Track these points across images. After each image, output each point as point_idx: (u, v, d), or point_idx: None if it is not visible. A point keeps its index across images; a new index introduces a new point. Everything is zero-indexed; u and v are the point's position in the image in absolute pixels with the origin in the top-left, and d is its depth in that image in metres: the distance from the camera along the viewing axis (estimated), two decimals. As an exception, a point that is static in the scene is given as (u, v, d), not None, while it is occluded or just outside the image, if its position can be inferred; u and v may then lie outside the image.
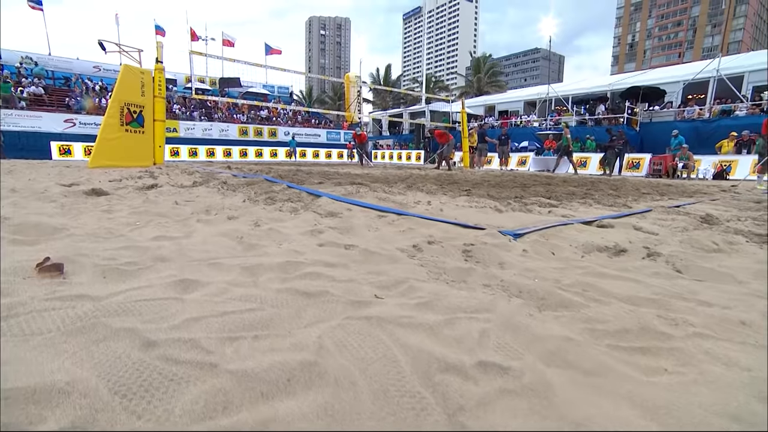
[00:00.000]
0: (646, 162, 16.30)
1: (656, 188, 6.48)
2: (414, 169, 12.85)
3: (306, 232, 1.80)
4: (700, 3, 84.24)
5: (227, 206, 2.61)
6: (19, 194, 2.91)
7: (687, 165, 14.80)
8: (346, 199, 3.06)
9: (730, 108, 18.60)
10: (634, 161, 16.99)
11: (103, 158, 7.56)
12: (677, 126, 17.55)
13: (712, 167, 14.97)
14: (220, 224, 1.98)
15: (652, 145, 18.64)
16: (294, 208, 2.69)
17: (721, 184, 9.20)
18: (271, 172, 8.11)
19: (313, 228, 1.89)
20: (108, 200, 2.78)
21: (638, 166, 16.76)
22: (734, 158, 15.04)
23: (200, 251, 1.28)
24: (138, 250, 1.28)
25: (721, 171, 14.67)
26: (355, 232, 1.88)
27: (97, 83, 22.26)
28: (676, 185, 7.99)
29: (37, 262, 1.04)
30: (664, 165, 15.17)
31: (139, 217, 2.14)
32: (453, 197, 3.70)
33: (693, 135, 17.26)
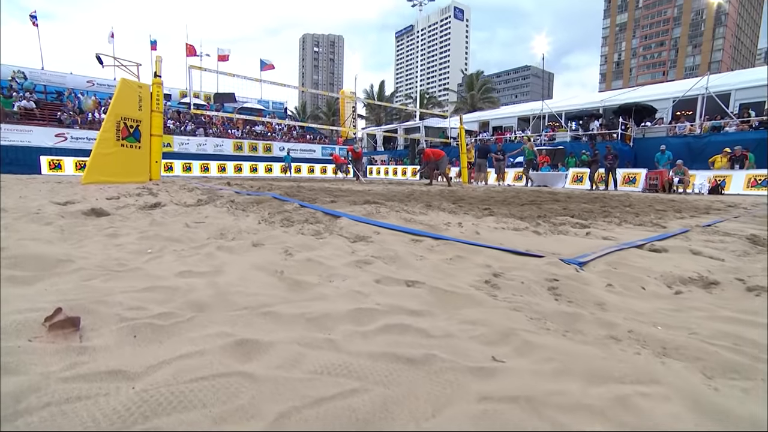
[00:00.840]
0: (642, 177, 16.42)
1: (668, 204, 6.38)
2: (414, 185, 12.72)
3: (350, 263, 1.57)
4: (681, 25, 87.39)
5: (243, 229, 2.37)
6: (10, 215, 2.64)
7: (683, 180, 14.93)
8: (369, 220, 2.84)
9: (720, 124, 18.98)
10: (630, 176, 17.13)
11: (98, 174, 7.27)
12: (670, 142, 17.82)
13: (707, 182, 15.10)
14: (246, 253, 1.74)
15: (645, 160, 18.87)
16: (316, 231, 2.46)
17: (723, 199, 9.17)
18: (272, 188, 7.88)
19: (357, 258, 1.66)
20: (110, 222, 2.53)
21: (634, 181, 16.88)
22: (728, 173, 15.21)
23: (242, 294, 1.04)
24: (166, 292, 1.05)
25: (716, 186, 14.79)
26: (402, 262, 1.65)
27: (90, 98, 21.97)
28: (681, 200, 7.92)
29: (46, 316, 0.80)
30: (660, 180, 15.27)
31: (150, 243, 1.90)
32: (478, 217, 3.50)
33: (685, 150, 17.53)
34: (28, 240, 1.77)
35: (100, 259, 1.47)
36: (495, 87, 47.62)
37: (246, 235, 2.20)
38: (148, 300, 0.98)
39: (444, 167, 12.39)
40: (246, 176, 21.82)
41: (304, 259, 1.58)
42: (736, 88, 20.06)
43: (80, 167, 18.04)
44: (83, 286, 1.10)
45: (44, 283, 1.14)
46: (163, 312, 0.88)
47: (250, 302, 0.98)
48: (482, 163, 17.41)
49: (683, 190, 14.80)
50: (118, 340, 0.76)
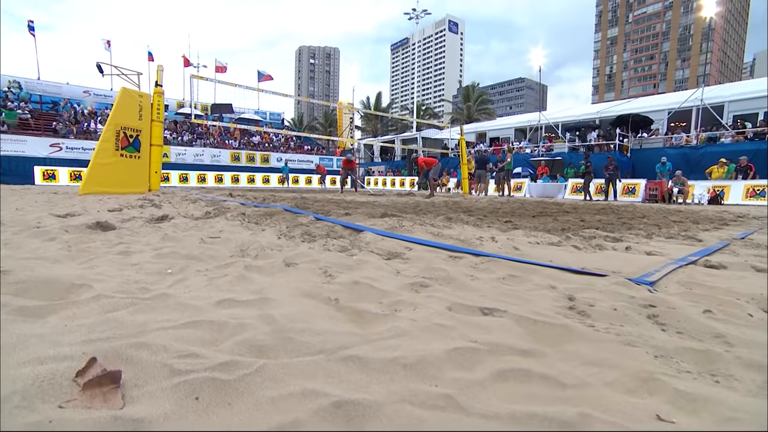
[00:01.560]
0: (642, 187, 16.46)
1: (681, 215, 6.27)
2: (416, 196, 12.57)
3: (404, 286, 1.39)
4: (670, 39, 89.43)
5: (265, 245, 2.18)
6: (9, 228, 2.43)
7: (682, 190, 14.97)
8: (397, 235, 2.67)
9: (715, 135, 19.18)
10: (629, 186, 17.18)
11: (96, 184, 7.04)
12: (666, 152, 17.95)
13: (706, 192, 15.15)
14: (281, 274, 1.56)
15: (643, 170, 18.98)
16: (343, 247, 2.28)
17: (728, 210, 9.11)
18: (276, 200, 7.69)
19: (408, 279, 1.48)
20: (119, 236, 2.33)
21: (634, 192, 16.92)
22: (727, 183, 15.29)
23: (307, 331, 0.85)
24: (212, 329, 0.86)
25: (715, 196, 14.84)
26: (458, 284, 1.47)
27: (86, 107, 21.75)
28: (689, 211, 7.84)
29: (78, 369, 0.61)
30: (660, 190, 15.30)
31: (168, 261, 1.70)
32: (503, 230, 3.34)
33: (682, 161, 17.65)
34: (32, 259, 1.57)
35: (119, 283, 1.28)
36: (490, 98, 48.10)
37: (270, 252, 2.01)
38: (194, 340, 0.79)
39: (437, 174, 12.25)
40: (245, 187, 21.60)
41: (349, 282, 1.40)
42: (730, 100, 20.37)
43: (75, 178, 17.76)
44: (109, 319, 0.91)
45: (61, 315, 0.95)
46: (223, 361, 0.69)
47: (322, 343, 0.79)
48: (482, 173, 17.35)
49: (683, 200, 14.83)
50: (177, 405, 0.57)
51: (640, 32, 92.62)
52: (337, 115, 35.03)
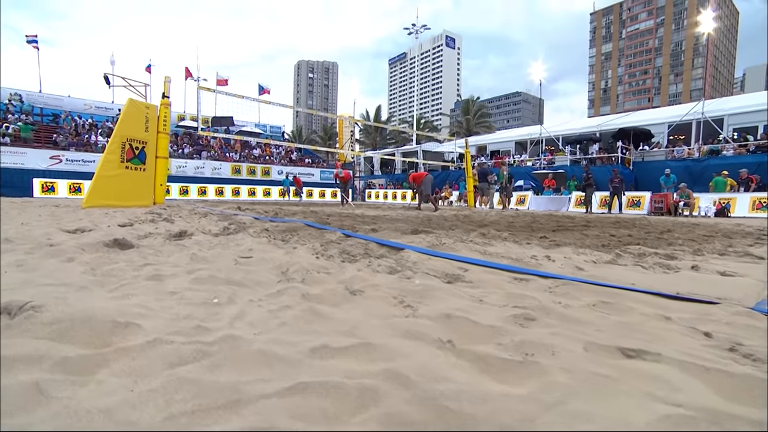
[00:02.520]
0: (647, 200, 16.38)
1: (708, 229, 6.09)
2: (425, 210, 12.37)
3: (505, 318, 1.17)
4: (663, 55, 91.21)
5: (307, 266, 1.96)
6: (19, 246, 2.20)
7: (688, 203, 14.89)
8: (444, 254, 2.45)
9: (717, 148, 19.24)
10: (634, 199, 17.11)
11: (100, 197, 6.81)
12: (669, 165, 17.96)
13: (712, 205, 15.07)
14: (351, 305, 1.33)
15: (645, 183, 18.98)
16: (392, 268, 2.06)
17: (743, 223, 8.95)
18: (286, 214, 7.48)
19: (507, 311, 1.26)
20: (142, 256, 2.10)
21: (639, 204, 16.84)
22: (732, 196, 15.24)
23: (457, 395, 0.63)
24: (329, 397, 0.62)
25: (722, 208, 14.76)
26: (557, 314, 1.26)
27: (87, 120, 21.63)
28: (707, 224, 7.67)
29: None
30: (665, 203, 15.22)
31: (210, 288, 1.48)
32: (545, 247, 3.14)
33: (685, 174, 17.64)
34: (56, 285, 1.35)
35: (167, 319, 1.06)
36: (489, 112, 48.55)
37: (318, 276, 1.79)
38: (316, 417, 0.56)
39: (428, 189, 11.60)
40: (247, 200, 21.37)
41: (439, 315, 1.18)
42: (729, 114, 20.54)
43: (74, 190, 17.51)
44: (183, 379, 0.68)
45: (115, 370, 0.72)
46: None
47: (492, 414, 0.57)
48: (484, 186, 17.23)
49: (690, 212, 14.73)
50: None
51: (633, 48, 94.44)
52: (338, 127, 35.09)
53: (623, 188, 15.99)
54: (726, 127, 20.28)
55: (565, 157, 23.31)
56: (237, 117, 30.23)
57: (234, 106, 19.47)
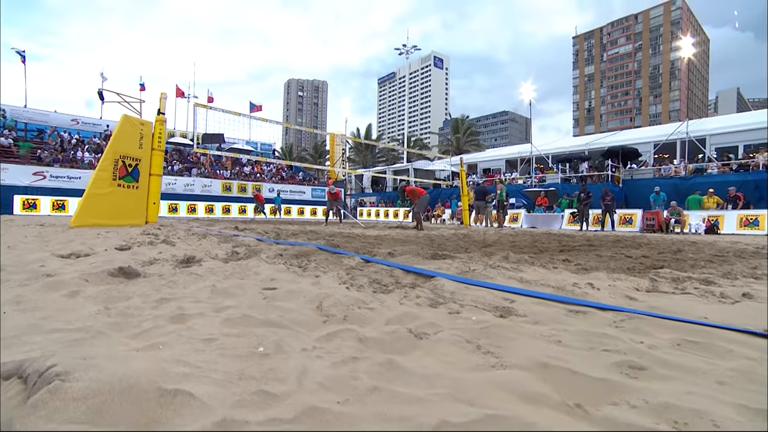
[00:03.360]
0: (639, 217, 16.57)
1: (717, 249, 6.06)
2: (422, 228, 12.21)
3: (609, 367, 1.00)
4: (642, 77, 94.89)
5: (343, 300, 1.77)
6: (12, 277, 1.96)
7: (679, 220, 15.10)
8: (485, 283, 2.28)
9: (702, 167, 19.73)
10: (626, 217, 17.29)
11: (90, 216, 6.48)
12: (657, 183, 18.29)
13: (702, 222, 15.29)
14: (422, 352, 1.14)
15: (635, 200, 19.29)
16: (433, 300, 1.88)
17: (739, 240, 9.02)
18: (283, 233, 7.25)
19: (607, 359, 1.09)
20: (154, 288, 1.87)
21: (631, 222, 17.01)
22: (720, 213, 15.49)
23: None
24: None
25: (711, 226, 14.98)
26: (653, 358, 1.10)
27: (74, 136, 21.14)
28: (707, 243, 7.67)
29: None
30: (657, 220, 15.40)
31: (247, 332, 1.27)
32: (574, 272, 2.99)
33: (673, 191, 17.96)
34: (69, 331, 1.13)
35: (220, 382, 0.85)
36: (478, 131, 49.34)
37: (360, 312, 1.60)
38: None
39: (422, 208, 11.08)
40: (239, 218, 20.95)
41: (532, 364, 1.00)
42: (711, 134, 21.15)
43: (57, 207, 16.94)
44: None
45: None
46: None
47: None
48: (480, 205, 17.21)
49: (681, 230, 14.92)
50: None
51: (614, 70, 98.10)
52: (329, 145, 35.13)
53: (614, 206, 16.18)
54: (708, 146, 20.86)
55: (555, 175, 23.62)
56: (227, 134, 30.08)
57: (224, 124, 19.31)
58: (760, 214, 14.89)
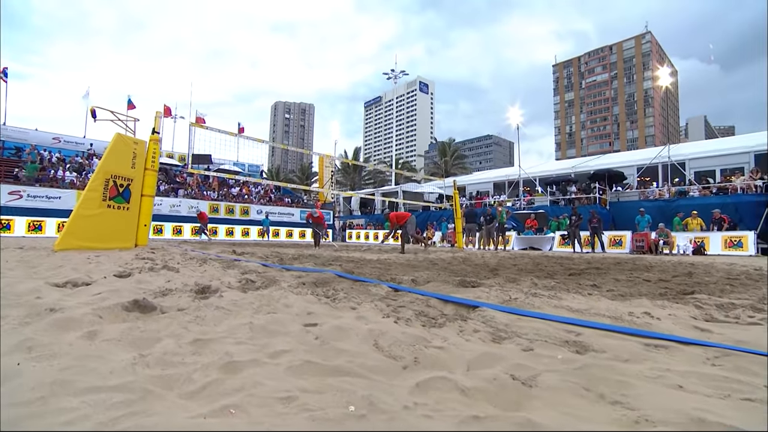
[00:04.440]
0: (628, 239, 16.79)
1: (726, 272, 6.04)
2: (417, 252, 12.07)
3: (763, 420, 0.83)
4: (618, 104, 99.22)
5: (399, 336, 1.56)
6: (10, 313, 1.68)
7: (667, 242, 15.35)
8: (539, 314, 2.10)
9: (684, 189, 20.32)
10: (616, 238, 17.51)
11: (76, 238, 6.09)
12: (643, 205, 18.70)
13: (689, 243, 15.56)
14: (540, 402, 0.96)
15: (622, 222, 19.64)
16: (494, 335, 1.69)
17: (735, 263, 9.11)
18: (282, 257, 6.97)
19: (753, 408, 0.92)
20: (182, 326, 1.63)
21: (621, 243, 17.22)
22: (705, 235, 15.79)
23: None
24: None
25: (698, 247, 15.26)
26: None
27: (55, 154, 20.48)
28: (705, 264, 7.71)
29: None
30: (647, 242, 15.62)
31: (321, 383, 1.06)
32: (614, 298, 2.85)
33: (658, 213, 18.35)
34: (109, 391, 0.90)
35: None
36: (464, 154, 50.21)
37: (432, 353, 1.39)
38: None
39: (412, 230, 10.95)
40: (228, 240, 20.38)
41: (685, 419, 0.82)
42: (690, 158, 21.91)
43: (34, 228, 16.18)
44: None
45: None
46: None
47: None
48: (471, 227, 17.20)
49: (669, 251, 15.16)
50: None
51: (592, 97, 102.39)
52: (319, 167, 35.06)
53: (602, 228, 16.39)
54: (688, 170, 21.57)
55: (544, 197, 23.95)
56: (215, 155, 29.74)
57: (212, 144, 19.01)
58: (743, 236, 15.26)
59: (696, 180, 20.47)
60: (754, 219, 15.87)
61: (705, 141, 28.79)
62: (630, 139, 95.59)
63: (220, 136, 13.19)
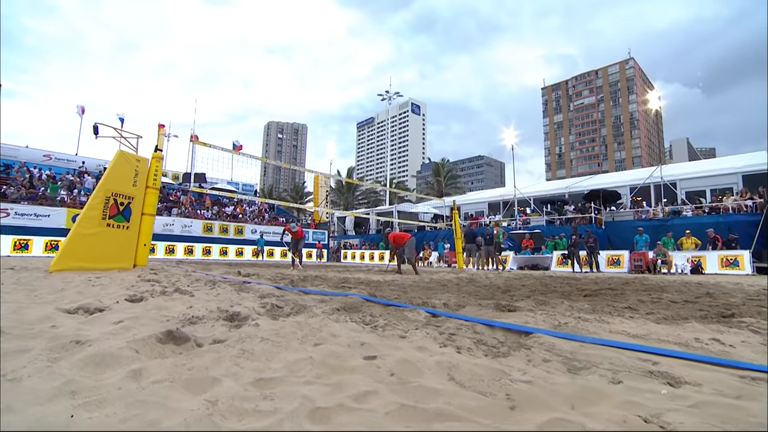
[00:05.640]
0: (626, 258, 16.80)
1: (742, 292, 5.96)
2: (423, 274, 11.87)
3: None
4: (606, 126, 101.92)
5: (476, 370, 1.40)
6: (30, 345, 1.48)
7: (665, 261, 15.39)
8: (607, 341, 1.96)
9: (678, 209, 20.58)
10: (614, 258, 17.52)
11: (73, 258, 5.80)
12: (639, 225, 18.85)
13: (687, 262, 15.61)
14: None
15: (617, 241, 19.74)
16: (569, 366, 1.54)
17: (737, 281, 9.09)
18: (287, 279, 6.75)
19: None
20: (233, 361, 1.44)
21: (619, 263, 17.22)
22: (702, 254, 15.86)
23: None
24: None
25: (695, 266, 15.31)
26: None
27: (45, 172, 20.07)
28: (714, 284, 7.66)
29: None
30: (645, 261, 15.64)
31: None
32: (660, 321, 2.72)
33: (653, 233, 18.49)
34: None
35: None
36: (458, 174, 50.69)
37: (522, 389, 1.23)
38: None
39: (410, 253, 10.31)
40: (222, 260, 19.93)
41: None
42: (681, 179, 22.31)
43: (20, 247, 15.64)
44: None
45: None
46: None
47: None
48: (471, 247, 17.10)
49: (668, 270, 15.18)
50: None
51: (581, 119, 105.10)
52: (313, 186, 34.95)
53: (598, 247, 16.41)
54: (680, 190, 21.91)
55: (540, 217, 24.05)
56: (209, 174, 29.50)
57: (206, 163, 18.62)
58: (739, 255, 15.37)
59: (688, 200, 20.79)
60: (747, 239, 16.05)
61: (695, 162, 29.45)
62: (618, 159, 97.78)
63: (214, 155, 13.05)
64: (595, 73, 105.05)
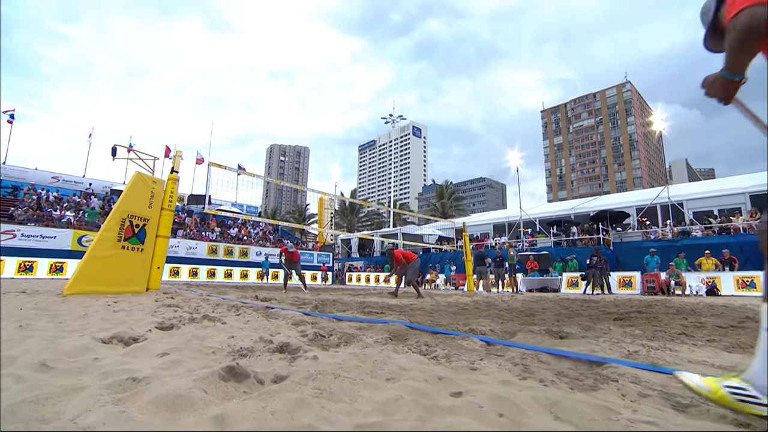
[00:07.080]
0: (638, 280, 16.52)
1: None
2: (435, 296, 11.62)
3: None
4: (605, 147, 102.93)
5: (581, 409, 1.26)
6: (85, 382, 1.34)
7: (679, 282, 15.10)
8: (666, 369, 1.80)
9: (687, 229, 20.37)
10: (625, 279, 17.22)
11: (88, 282, 5.65)
12: (648, 245, 18.62)
13: (701, 284, 15.28)
14: None
15: (626, 263, 19.48)
16: (673, 400, 1.40)
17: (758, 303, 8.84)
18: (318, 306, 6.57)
19: None
20: (319, 403, 1.30)
21: (630, 284, 16.91)
22: (717, 275, 15.53)
23: None
24: None
25: (710, 287, 14.98)
26: None
27: (52, 193, 20.10)
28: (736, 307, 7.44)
29: None
30: (657, 282, 15.35)
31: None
32: (725, 349, 2.55)
33: (662, 254, 18.25)
34: None
35: None
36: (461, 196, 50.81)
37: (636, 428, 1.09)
38: None
39: (413, 274, 9.76)
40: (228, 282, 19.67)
41: None
42: (687, 199, 22.19)
43: (25, 269, 15.46)
44: None
45: None
46: None
47: None
48: (482, 270, 16.86)
49: (682, 292, 14.87)
50: None
51: (580, 141, 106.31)
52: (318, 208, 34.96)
53: (608, 269, 16.17)
54: (686, 210, 21.77)
55: (546, 239, 23.84)
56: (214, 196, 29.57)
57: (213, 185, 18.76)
58: (756, 276, 15.07)
59: (697, 220, 20.62)
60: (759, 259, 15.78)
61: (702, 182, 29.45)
62: (618, 180, 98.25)
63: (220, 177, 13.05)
64: (594, 96, 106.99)
